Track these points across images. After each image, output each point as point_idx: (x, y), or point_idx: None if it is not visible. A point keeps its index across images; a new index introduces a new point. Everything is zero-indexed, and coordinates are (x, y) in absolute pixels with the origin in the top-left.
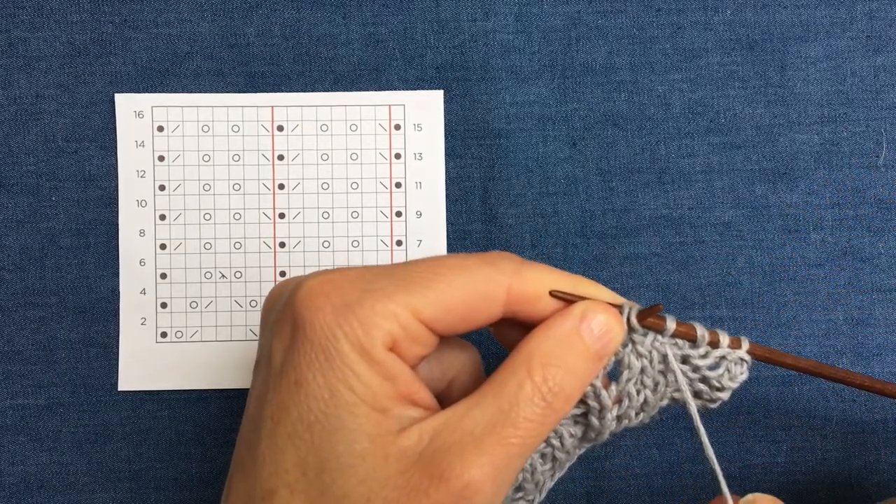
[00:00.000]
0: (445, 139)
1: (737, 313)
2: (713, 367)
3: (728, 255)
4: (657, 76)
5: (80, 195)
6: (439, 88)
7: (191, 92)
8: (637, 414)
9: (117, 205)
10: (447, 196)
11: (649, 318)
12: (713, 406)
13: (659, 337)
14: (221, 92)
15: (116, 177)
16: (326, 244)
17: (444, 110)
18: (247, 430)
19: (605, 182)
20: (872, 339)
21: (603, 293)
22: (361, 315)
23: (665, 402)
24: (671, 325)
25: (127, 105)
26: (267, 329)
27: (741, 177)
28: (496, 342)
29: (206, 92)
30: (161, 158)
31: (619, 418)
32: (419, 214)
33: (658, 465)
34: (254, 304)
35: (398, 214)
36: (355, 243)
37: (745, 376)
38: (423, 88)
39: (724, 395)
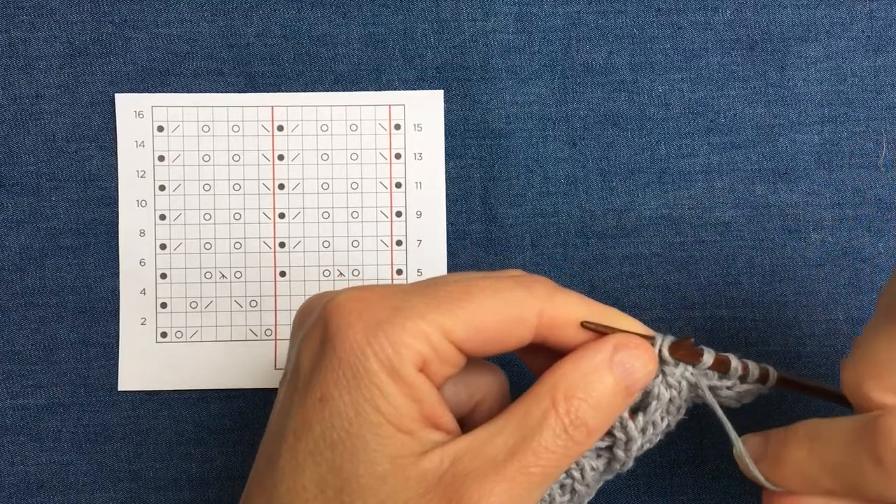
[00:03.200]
0: (445, 139)
1: (737, 313)
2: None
3: (728, 255)
4: (657, 76)
5: (80, 195)
6: (439, 88)
7: (191, 92)
8: (658, 437)
9: (117, 205)
10: (447, 196)
11: (683, 351)
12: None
13: (690, 367)
14: (221, 92)
15: (116, 177)
16: (326, 244)
17: (444, 110)
18: (268, 443)
19: (605, 182)
20: None
21: (635, 326)
22: (392, 334)
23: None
24: (708, 358)
25: (127, 105)
26: (295, 343)
27: (741, 177)
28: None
29: (206, 92)
30: (161, 158)
31: (642, 446)
32: (419, 214)
33: (658, 465)
34: (254, 304)
35: (398, 214)
36: (355, 243)
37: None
38: (423, 88)
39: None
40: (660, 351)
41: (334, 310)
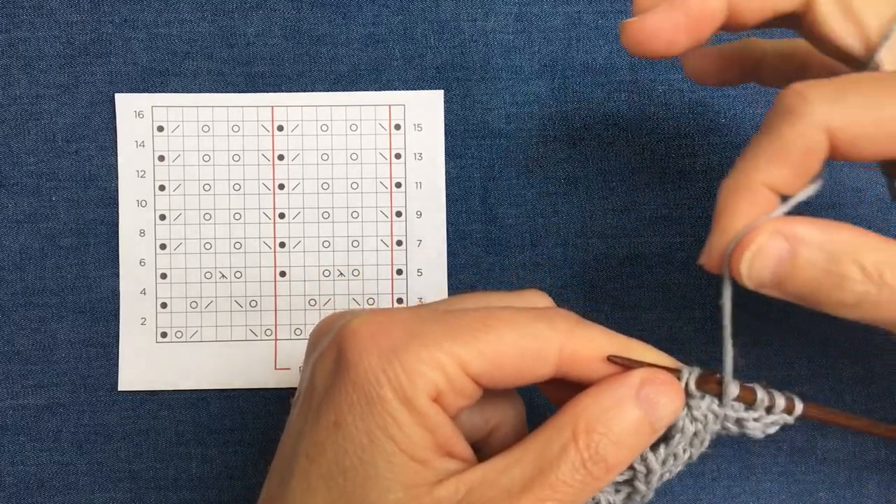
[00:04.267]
0: (445, 139)
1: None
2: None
3: None
4: (657, 76)
5: (80, 195)
6: (439, 88)
7: (191, 92)
8: (679, 468)
9: (117, 205)
10: (447, 196)
11: (709, 385)
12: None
13: (716, 401)
14: (221, 92)
15: (116, 177)
16: (326, 244)
17: (444, 110)
18: (279, 463)
19: (605, 182)
20: (872, 339)
21: (661, 359)
22: (407, 362)
23: None
24: (734, 390)
25: (127, 105)
26: (310, 363)
27: None
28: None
29: (206, 92)
30: (161, 158)
31: (662, 476)
32: (419, 214)
33: None
34: (254, 304)
35: (398, 214)
36: (355, 243)
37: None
38: (423, 88)
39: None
40: (686, 384)
41: (350, 334)
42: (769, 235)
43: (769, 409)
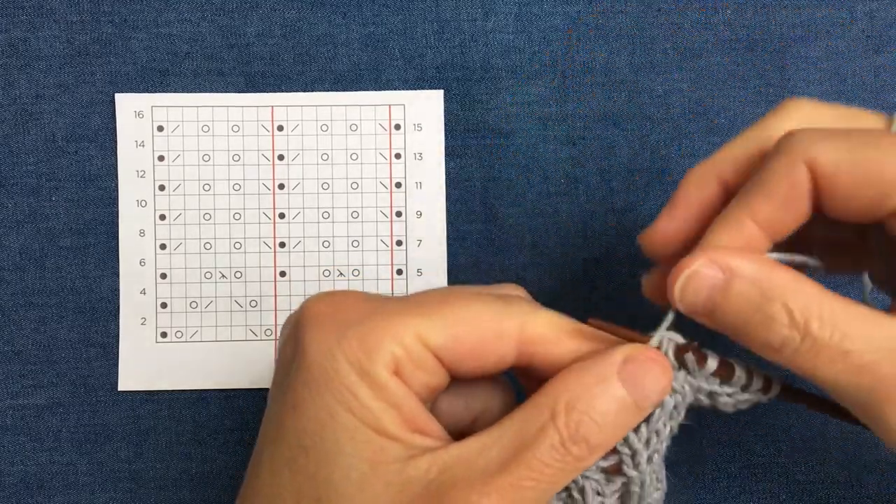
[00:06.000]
0: (445, 139)
1: None
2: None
3: None
4: (657, 76)
5: (80, 195)
6: (439, 88)
7: (191, 92)
8: (664, 445)
9: (117, 205)
10: (447, 196)
11: (689, 354)
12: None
13: (695, 373)
14: (221, 92)
15: (116, 177)
16: (326, 244)
17: (444, 110)
18: (254, 452)
19: (605, 182)
20: None
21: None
22: (362, 334)
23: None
24: (712, 363)
25: (127, 105)
26: (280, 343)
27: None
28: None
29: (206, 92)
30: (161, 158)
31: (649, 458)
32: (419, 214)
33: None
34: (254, 304)
35: (398, 214)
36: (355, 243)
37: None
38: (423, 88)
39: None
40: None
41: (305, 313)
42: (705, 263)
43: (745, 387)
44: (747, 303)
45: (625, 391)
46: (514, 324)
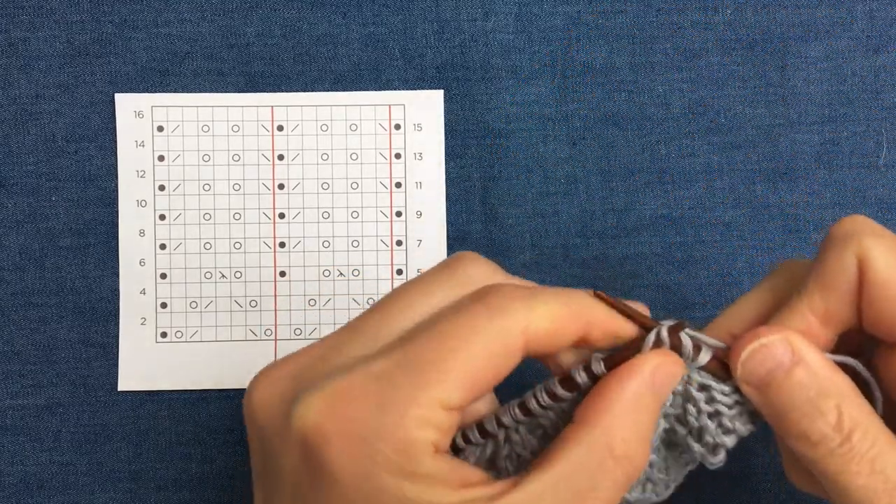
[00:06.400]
0: (445, 139)
1: None
2: (730, 407)
3: (728, 255)
4: (657, 76)
5: (80, 195)
6: (439, 88)
7: (191, 92)
8: (659, 439)
9: (117, 205)
10: (447, 196)
11: (680, 334)
12: (713, 460)
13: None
14: (221, 92)
15: (116, 177)
16: (326, 244)
17: (444, 110)
18: None
19: (605, 182)
20: None
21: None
22: (392, 439)
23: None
24: (706, 354)
25: (127, 105)
26: (265, 445)
27: (741, 177)
28: None
29: (206, 92)
30: (161, 158)
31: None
32: (419, 214)
33: None
34: (254, 304)
35: (398, 214)
36: (355, 243)
37: (749, 427)
38: (423, 88)
39: (728, 442)
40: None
41: (312, 432)
42: (780, 340)
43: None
44: (803, 391)
45: (656, 398)
46: (518, 337)
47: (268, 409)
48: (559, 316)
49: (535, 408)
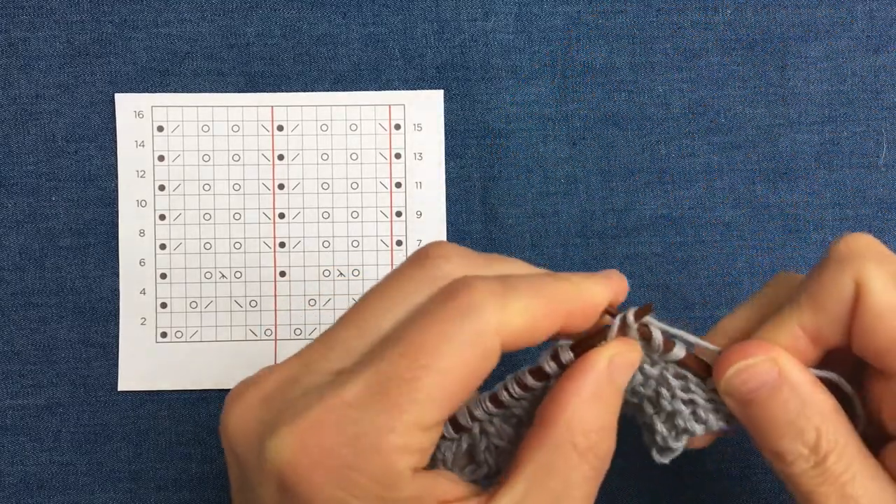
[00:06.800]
0: (445, 139)
1: None
2: (706, 401)
3: (728, 255)
4: (657, 76)
5: (80, 195)
6: (439, 88)
7: (191, 92)
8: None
9: (117, 205)
10: (447, 196)
11: (646, 331)
12: (673, 445)
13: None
14: (221, 92)
15: (116, 177)
16: (326, 244)
17: (444, 110)
18: None
19: (605, 182)
20: None
21: (582, 285)
22: (367, 468)
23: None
24: (658, 346)
25: (127, 105)
26: (243, 472)
27: (741, 177)
28: None
29: (206, 92)
30: (161, 158)
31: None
32: (419, 214)
33: (658, 465)
34: (254, 304)
35: (398, 214)
36: (355, 243)
37: (721, 425)
38: (423, 88)
39: (698, 430)
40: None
41: (287, 464)
42: (766, 359)
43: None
44: (785, 411)
45: (616, 385)
46: (492, 337)
47: (243, 439)
48: (534, 310)
49: (507, 399)
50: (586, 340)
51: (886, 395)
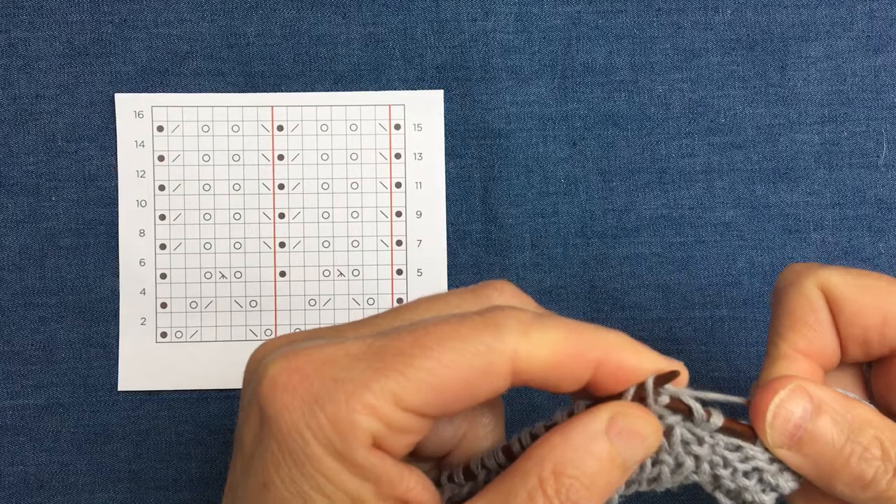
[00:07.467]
0: (445, 139)
1: (737, 313)
2: (770, 462)
3: (728, 255)
4: (657, 76)
5: (80, 195)
6: (439, 88)
7: (191, 92)
8: (649, 482)
9: (117, 205)
10: (447, 196)
11: (679, 403)
12: None
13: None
14: (221, 92)
15: (116, 177)
16: (326, 244)
17: (444, 110)
18: None
19: (605, 182)
20: None
21: (627, 345)
22: (333, 413)
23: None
24: (701, 414)
25: (127, 105)
26: (242, 405)
27: (741, 177)
28: None
29: (206, 92)
30: (161, 158)
31: (627, 484)
32: (419, 214)
33: None
34: (254, 304)
35: (398, 214)
36: (355, 243)
37: (793, 485)
38: (423, 88)
39: (768, 501)
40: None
41: (268, 387)
42: (796, 387)
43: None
44: (839, 432)
45: (614, 449)
46: (504, 357)
47: (252, 373)
48: (559, 347)
49: (518, 451)
50: (602, 400)
51: (891, 378)
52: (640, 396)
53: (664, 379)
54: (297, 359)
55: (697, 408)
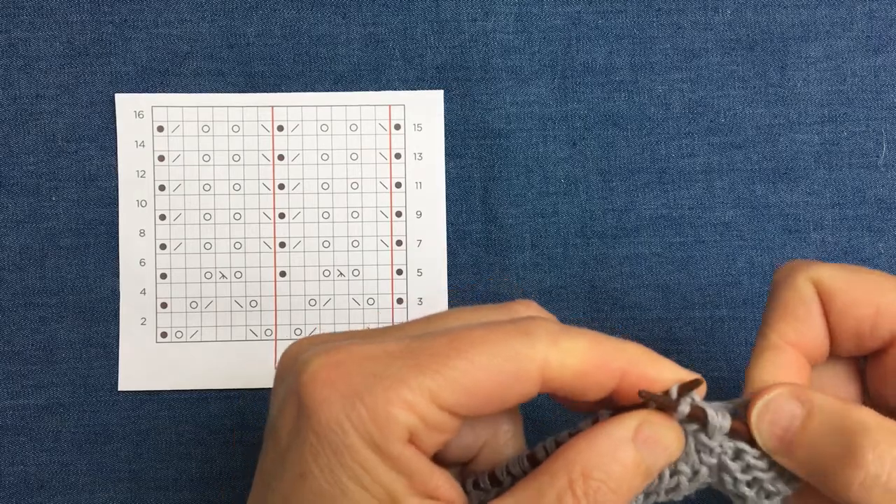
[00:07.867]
0: (445, 139)
1: (737, 313)
2: (766, 470)
3: (728, 255)
4: (657, 76)
5: (80, 195)
6: (439, 88)
7: (191, 92)
8: (667, 492)
9: (117, 205)
10: (447, 196)
11: (698, 410)
12: None
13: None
14: (221, 92)
15: (116, 177)
16: (326, 244)
17: (444, 110)
18: None
19: (605, 182)
20: None
21: (648, 357)
22: (373, 406)
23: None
24: (720, 422)
25: (127, 105)
26: (276, 400)
27: (741, 177)
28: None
29: (206, 92)
30: (161, 158)
31: (646, 495)
32: (419, 214)
33: None
34: (254, 304)
35: (398, 214)
36: (355, 243)
37: (793, 486)
38: (423, 88)
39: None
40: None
41: (308, 380)
42: (783, 390)
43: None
44: (830, 433)
45: (640, 456)
46: (534, 364)
47: (288, 368)
48: (586, 357)
49: (543, 458)
50: (626, 409)
51: (885, 371)
52: (662, 406)
53: (687, 388)
54: (338, 354)
55: (714, 416)
